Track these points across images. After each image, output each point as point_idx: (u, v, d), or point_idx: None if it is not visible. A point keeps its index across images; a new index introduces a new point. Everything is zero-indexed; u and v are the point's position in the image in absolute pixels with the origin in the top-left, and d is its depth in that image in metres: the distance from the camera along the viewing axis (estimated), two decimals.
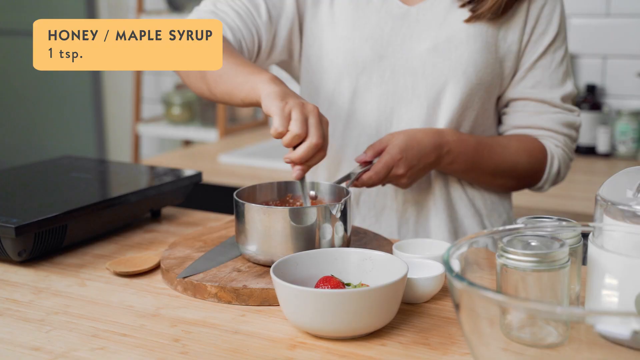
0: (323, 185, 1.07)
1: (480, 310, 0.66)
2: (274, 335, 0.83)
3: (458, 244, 0.72)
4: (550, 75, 1.20)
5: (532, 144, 1.21)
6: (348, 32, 1.20)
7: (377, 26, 1.19)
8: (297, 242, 0.95)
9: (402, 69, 1.19)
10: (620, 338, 0.69)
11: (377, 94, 1.20)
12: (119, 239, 1.16)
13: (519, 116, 1.23)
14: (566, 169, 1.26)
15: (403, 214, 1.24)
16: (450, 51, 1.16)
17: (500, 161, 1.19)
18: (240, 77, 1.05)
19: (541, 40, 1.19)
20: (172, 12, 2.80)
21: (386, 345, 0.80)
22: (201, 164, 2.26)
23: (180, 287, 0.95)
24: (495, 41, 1.17)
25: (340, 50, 1.21)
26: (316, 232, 0.96)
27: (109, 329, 0.84)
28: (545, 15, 1.18)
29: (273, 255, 0.95)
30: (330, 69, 1.22)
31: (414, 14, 1.19)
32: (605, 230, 0.78)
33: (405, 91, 1.19)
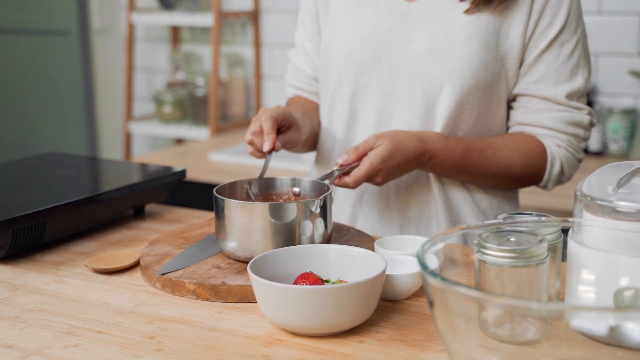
0: (305, 182, 1.06)
1: (455, 306, 0.65)
2: (250, 332, 0.82)
3: (433, 240, 0.71)
4: (556, 70, 1.15)
5: (529, 145, 1.18)
6: (348, 33, 1.20)
7: (376, 26, 1.18)
8: (276, 239, 0.94)
9: (399, 70, 1.17)
10: (598, 334, 0.68)
11: (376, 95, 1.20)
12: (100, 236, 1.15)
13: (521, 112, 1.19)
14: (571, 168, 1.21)
15: (405, 214, 1.22)
16: (447, 52, 1.13)
17: (493, 164, 1.16)
18: None
19: (546, 33, 1.14)
20: (164, 10, 2.79)
21: (364, 342, 0.79)
22: (192, 162, 2.25)
23: (159, 284, 0.94)
24: (496, 39, 1.14)
25: (340, 51, 1.21)
26: (296, 228, 0.95)
27: (84, 326, 0.83)
28: (551, 7, 1.13)
29: (252, 252, 0.94)
30: (332, 70, 1.23)
31: (413, 11, 1.17)
32: (584, 226, 0.77)
33: (403, 92, 1.17)
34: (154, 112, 2.93)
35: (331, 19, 1.24)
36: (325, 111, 1.27)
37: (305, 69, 1.31)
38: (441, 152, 1.12)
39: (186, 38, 2.98)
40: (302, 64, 1.32)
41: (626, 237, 0.74)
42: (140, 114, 3.04)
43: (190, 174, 2.19)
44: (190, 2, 2.75)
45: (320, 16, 1.27)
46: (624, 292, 0.71)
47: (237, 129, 2.72)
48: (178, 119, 2.84)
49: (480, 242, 0.75)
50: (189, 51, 2.93)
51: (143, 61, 3.05)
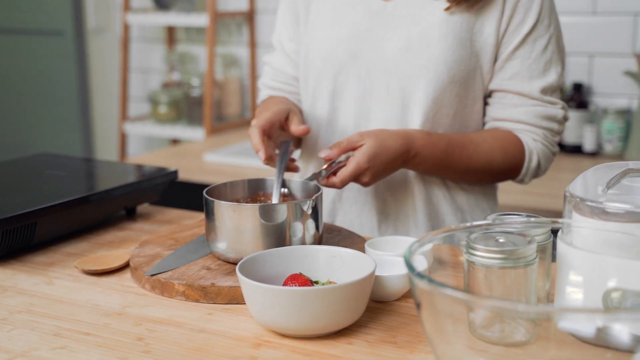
0: (294, 183, 1.06)
1: (442, 308, 0.64)
2: (239, 334, 0.81)
3: (421, 241, 0.71)
4: (530, 66, 1.17)
5: (507, 140, 1.19)
6: (326, 33, 1.22)
7: (354, 25, 1.20)
8: (266, 240, 0.94)
9: (376, 68, 1.18)
10: (585, 336, 0.68)
11: (354, 94, 1.21)
12: (91, 237, 1.14)
13: (497, 108, 1.21)
14: (547, 162, 1.24)
15: (383, 210, 1.23)
16: (422, 50, 1.15)
17: (473, 160, 1.17)
18: None
19: (519, 29, 1.16)
20: (159, 10, 2.79)
21: (353, 343, 0.79)
22: (187, 163, 2.25)
23: (148, 286, 0.93)
24: (470, 36, 1.15)
25: (318, 51, 1.22)
26: (287, 229, 0.94)
27: (72, 327, 0.83)
28: (524, 4, 1.15)
29: (243, 253, 0.93)
30: (312, 70, 1.24)
31: (390, 11, 1.19)
32: (573, 227, 0.77)
33: (380, 90, 1.19)
34: (149, 113, 2.93)
35: (311, 20, 1.25)
36: (306, 110, 1.27)
37: (286, 69, 1.32)
38: (425, 149, 1.13)
39: (181, 38, 2.98)
40: (282, 64, 1.32)
41: (615, 238, 0.74)
42: (136, 114, 3.04)
43: (185, 175, 2.19)
44: (186, 2, 2.75)
45: (301, 17, 1.28)
46: (612, 293, 0.71)
47: (232, 130, 2.72)
48: (173, 119, 2.83)
49: (469, 243, 0.75)
50: (184, 51, 2.93)
51: (138, 61, 3.05)
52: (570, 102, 2.23)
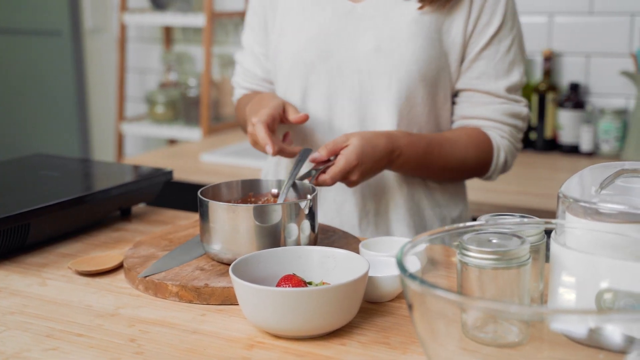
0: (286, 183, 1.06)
1: (434, 310, 0.64)
2: (232, 335, 0.81)
3: (414, 242, 0.71)
4: (495, 66, 1.21)
5: (479, 137, 1.22)
6: (295, 34, 1.23)
7: (323, 26, 1.22)
8: (261, 241, 0.94)
9: (348, 68, 1.20)
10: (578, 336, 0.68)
11: (326, 93, 1.23)
12: (85, 238, 1.14)
13: (465, 107, 1.23)
14: (512, 158, 1.27)
15: (363, 207, 1.25)
16: (394, 50, 1.17)
17: (450, 158, 1.20)
18: None
19: (485, 30, 1.19)
20: (156, 10, 2.78)
21: (346, 344, 0.79)
22: (183, 163, 2.25)
23: (142, 286, 0.93)
24: (439, 36, 1.18)
25: (288, 51, 1.24)
26: (282, 230, 0.94)
27: (64, 329, 0.83)
28: (490, 6, 1.19)
29: (237, 254, 0.93)
30: (283, 71, 1.25)
31: (359, 11, 1.21)
32: (567, 228, 0.77)
33: (352, 89, 1.21)
34: (146, 113, 2.92)
35: (279, 22, 1.26)
36: None
37: (256, 71, 1.33)
38: (408, 149, 1.15)
39: (178, 38, 2.97)
40: (251, 66, 1.34)
41: (608, 239, 0.74)
42: (133, 114, 3.04)
43: (182, 175, 2.18)
44: (182, 2, 2.75)
45: (269, 21, 1.29)
46: (605, 294, 0.71)
47: (229, 130, 2.72)
48: (170, 119, 2.83)
49: (462, 243, 0.75)
50: (182, 51, 2.92)
51: (135, 61, 3.05)
52: (567, 102, 2.23)
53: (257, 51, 1.32)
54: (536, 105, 2.26)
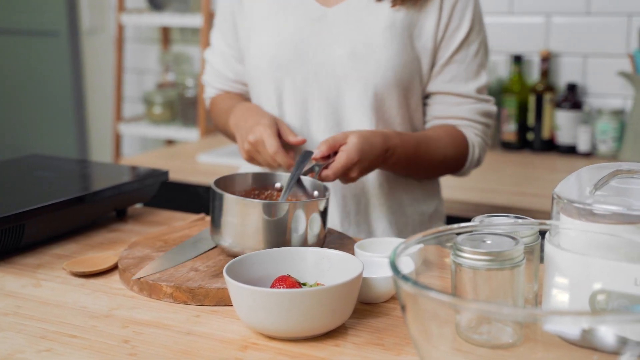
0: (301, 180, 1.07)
1: (427, 311, 0.64)
2: (226, 336, 0.81)
3: (407, 243, 0.70)
4: (466, 69, 1.25)
5: (456, 135, 1.26)
6: (269, 37, 1.24)
7: (296, 30, 1.22)
8: (270, 237, 0.94)
9: (324, 72, 1.22)
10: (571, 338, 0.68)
11: (302, 97, 1.24)
12: (80, 239, 1.14)
13: (439, 108, 1.27)
14: (484, 154, 1.32)
15: (344, 208, 1.26)
16: (369, 55, 1.19)
17: (435, 155, 1.23)
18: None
19: (455, 35, 1.23)
20: (153, 10, 2.78)
21: (340, 346, 0.78)
22: (180, 164, 2.25)
23: (136, 287, 0.93)
24: (411, 41, 1.21)
25: (263, 55, 1.24)
26: (289, 228, 0.94)
27: (58, 330, 0.83)
28: (458, 11, 1.22)
29: (245, 248, 0.95)
30: (257, 74, 1.26)
31: (331, 16, 1.22)
32: (561, 229, 0.77)
33: (329, 94, 1.22)
34: (143, 113, 2.92)
35: (248, 26, 1.27)
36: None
37: (227, 73, 1.35)
38: (399, 148, 1.17)
39: (176, 39, 2.97)
40: (222, 68, 1.35)
41: (602, 239, 0.74)
42: (130, 115, 3.03)
43: (179, 175, 2.18)
44: (180, 2, 2.74)
45: (237, 24, 1.29)
46: (599, 295, 0.71)
47: None
48: (168, 120, 2.83)
49: (456, 244, 0.75)
50: (180, 52, 2.92)
51: (133, 62, 3.04)
52: (565, 103, 2.23)
53: (227, 53, 1.33)
54: (534, 105, 2.26)
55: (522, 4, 2.31)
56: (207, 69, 1.38)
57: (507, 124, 2.30)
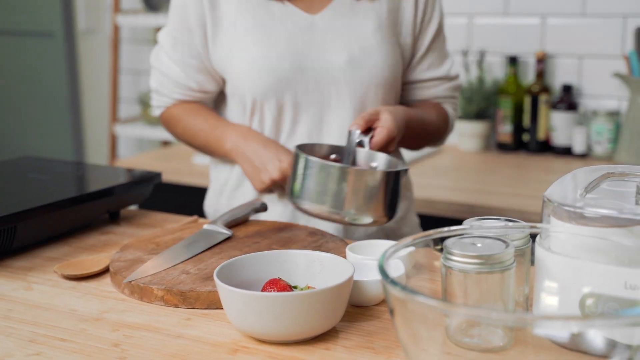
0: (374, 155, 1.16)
1: (416, 315, 0.64)
2: (217, 340, 0.81)
3: (397, 246, 0.70)
4: (439, 55, 1.35)
5: (440, 110, 1.37)
6: (264, 51, 1.23)
7: (290, 41, 1.23)
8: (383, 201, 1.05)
9: (324, 79, 1.24)
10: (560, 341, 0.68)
11: (304, 106, 1.26)
12: (73, 241, 1.13)
13: (419, 92, 1.37)
14: (455, 122, 1.44)
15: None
16: (366, 60, 1.25)
17: (430, 126, 1.33)
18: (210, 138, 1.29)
19: (429, 26, 1.32)
20: (149, 11, 2.78)
21: (330, 349, 0.78)
22: (176, 165, 2.24)
23: (127, 290, 0.93)
24: (396, 39, 1.29)
25: (261, 70, 1.23)
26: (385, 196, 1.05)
27: (48, 333, 0.82)
28: (430, 6, 1.31)
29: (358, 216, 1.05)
30: (255, 89, 1.25)
31: (319, 24, 1.25)
32: (551, 232, 0.77)
33: (330, 100, 1.26)
34: (139, 114, 2.92)
35: (229, 40, 1.25)
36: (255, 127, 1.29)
37: (189, 83, 1.31)
38: (410, 121, 1.24)
39: None
40: (183, 79, 1.30)
41: (593, 243, 0.73)
42: (126, 115, 3.03)
43: (174, 177, 2.18)
44: None
45: (210, 36, 1.26)
46: (589, 298, 0.71)
47: None
48: None
49: (446, 248, 0.75)
50: None
51: (129, 63, 3.04)
52: (560, 104, 2.23)
53: (189, 64, 1.29)
54: (529, 106, 2.26)
55: (517, 5, 2.31)
56: (160, 78, 1.33)
57: (502, 125, 2.30)
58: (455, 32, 2.37)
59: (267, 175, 1.20)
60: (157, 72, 1.34)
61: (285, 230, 1.11)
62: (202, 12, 1.26)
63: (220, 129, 1.28)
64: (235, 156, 1.26)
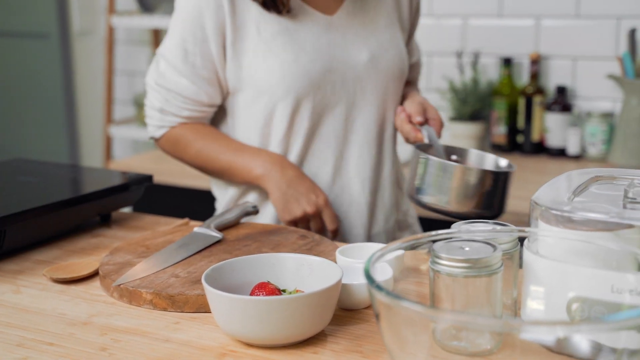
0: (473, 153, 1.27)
1: (401, 320, 0.64)
2: (205, 344, 0.81)
3: (383, 250, 0.70)
4: (414, 41, 1.45)
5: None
6: (294, 55, 1.23)
7: (315, 42, 1.25)
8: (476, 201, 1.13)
9: (349, 78, 1.28)
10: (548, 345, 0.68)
11: (331, 106, 1.27)
12: (63, 244, 1.13)
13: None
14: None
15: None
16: (384, 55, 1.30)
17: None
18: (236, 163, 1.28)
19: (417, 16, 1.41)
20: (144, 13, 2.77)
21: (318, 353, 0.78)
22: (170, 166, 2.24)
23: (116, 294, 0.93)
24: (401, 31, 1.36)
25: (294, 74, 1.23)
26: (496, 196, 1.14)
27: (36, 337, 0.82)
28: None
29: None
30: (288, 94, 1.23)
31: (337, 24, 1.27)
32: (539, 236, 0.77)
33: (355, 97, 1.28)
34: (134, 116, 2.91)
35: (254, 46, 1.23)
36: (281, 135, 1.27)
37: (200, 97, 1.27)
38: None
39: None
40: (193, 93, 1.26)
41: (579, 246, 0.73)
42: (121, 117, 3.02)
43: (168, 178, 2.18)
44: (170, 4, 2.74)
45: (229, 46, 1.23)
46: (575, 302, 0.71)
47: None
48: None
49: (434, 251, 0.75)
50: None
51: (124, 64, 3.04)
52: (554, 105, 2.23)
53: (201, 76, 1.25)
54: (523, 108, 2.26)
55: (511, 6, 2.31)
56: (165, 96, 1.28)
57: (496, 127, 2.31)
58: (450, 33, 2.38)
59: (300, 208, 1.22)
60: (160, 90, 1.28)
61: (276, 233, 1.11)
62: (222, 19, 1.22)
63: (249, 154, 1.26)
64: (264, 182, 1.25)
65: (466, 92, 2.29)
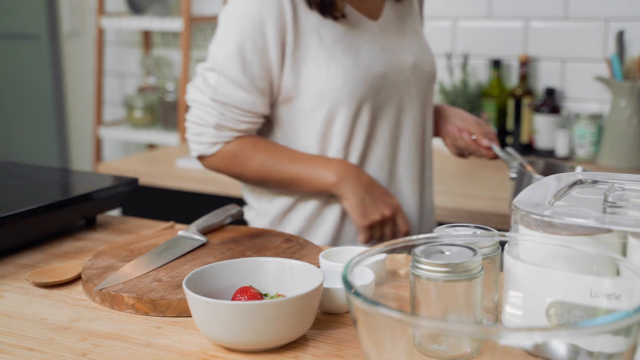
0: None
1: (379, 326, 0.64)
2: (186, 348, 0.80)
3: (362, 255, 0.70)
4: None
5: None
6: (354, 61, 1.26)
7: (370, 47, 1.28)
8: None
9: (399, 81, 1.31)
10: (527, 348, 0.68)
11: (385, 109, 1.31)
12: (47, 248, 1.13)
13: None
14: None
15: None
16: (424, 57, 1.36)
17: None
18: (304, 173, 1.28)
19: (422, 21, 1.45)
20: (133, 14, 2.77)
21: (299, 357, 0.78)
22: (160, 168, 2.23)
23: (99, 298, 0.92)
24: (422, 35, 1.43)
25: (356, 79, 1.25)
26: None
27: (15, 343, 0.82)
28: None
29: None
30: (351, 100, 1.25)
31: (381, 27, 1.31)
32: (519, 240, 0.77)
33: (403, 100, 1.33)
34: (124, 117, 2.91)
35: (316, 53, 1.23)
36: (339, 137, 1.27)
37: (258, 109, 1.26)
38: None
39: (157, 42, 2.96)
40: (252, 105, 1.25)
41: (559, 251, 0.73)
42: (111, 119, 3.02)
43: (157, 180, 2.17)
44: (160, 6, 2.73)
45: (290, 54, 1.22)
46: (554, 307, 0.71)
47: None
48: (148, 124, 2.81)
49: (414, 256, 0.75)
50: (161, 56, 2.91)
51: (114, 65, 3.03)
52: (543, 107, 2.23)
53: (260, 86, 1.24)
54: (512, 109, 2.27)
55: (500, 8, 2.31)
56: (221, 112, 1.25)
57: None
58: (439, 35, 2.38)
59: (379, 212, 1.26)
60: (215, 105, 1.25)
61: (261, 236, 1.11)
62: (284, 26, 1.21)
63: (319, 163, 1.26)
64: (339, 189, 1.25)
65: (456, 93, 2.29)
